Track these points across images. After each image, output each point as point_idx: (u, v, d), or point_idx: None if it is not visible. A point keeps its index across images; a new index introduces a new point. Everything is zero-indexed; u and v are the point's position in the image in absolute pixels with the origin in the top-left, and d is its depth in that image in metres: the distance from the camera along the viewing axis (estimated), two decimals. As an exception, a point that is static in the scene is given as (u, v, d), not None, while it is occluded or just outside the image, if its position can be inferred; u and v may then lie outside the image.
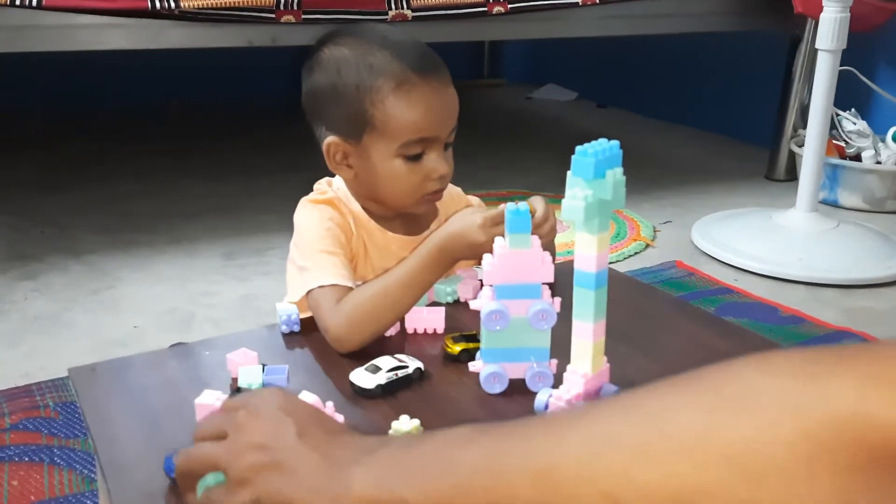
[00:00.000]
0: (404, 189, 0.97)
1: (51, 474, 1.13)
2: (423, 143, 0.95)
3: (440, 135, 0.95)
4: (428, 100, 0.93)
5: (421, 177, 0.96)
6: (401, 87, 0.93)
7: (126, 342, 1.54)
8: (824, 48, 1.92)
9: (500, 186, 2.51)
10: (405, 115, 0.93)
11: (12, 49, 1.80)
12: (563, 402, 0.74)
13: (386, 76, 0.93)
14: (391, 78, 0.93)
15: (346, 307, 0.88)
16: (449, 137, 0.98)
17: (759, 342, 0.96)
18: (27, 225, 2.17)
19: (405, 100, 0.93)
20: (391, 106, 0.93)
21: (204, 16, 1.85)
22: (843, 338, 1.56)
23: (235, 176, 2.65)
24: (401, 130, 0.94)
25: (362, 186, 1.00)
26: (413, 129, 0.94)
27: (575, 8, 2.18)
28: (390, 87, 0.93)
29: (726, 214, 2.24)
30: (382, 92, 0.93)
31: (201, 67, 3.39)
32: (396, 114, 0.94)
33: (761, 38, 2.86)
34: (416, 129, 0.94)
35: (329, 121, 0.98)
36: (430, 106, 0.94)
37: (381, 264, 1.01)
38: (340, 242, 0.96)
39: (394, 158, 0.95)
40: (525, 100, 3.97)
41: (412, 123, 0.94)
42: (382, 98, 0.93)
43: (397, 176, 0.96)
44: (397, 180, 0.96)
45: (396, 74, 0.93)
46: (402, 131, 0.94)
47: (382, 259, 1.01)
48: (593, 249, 0.70)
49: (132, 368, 0.89)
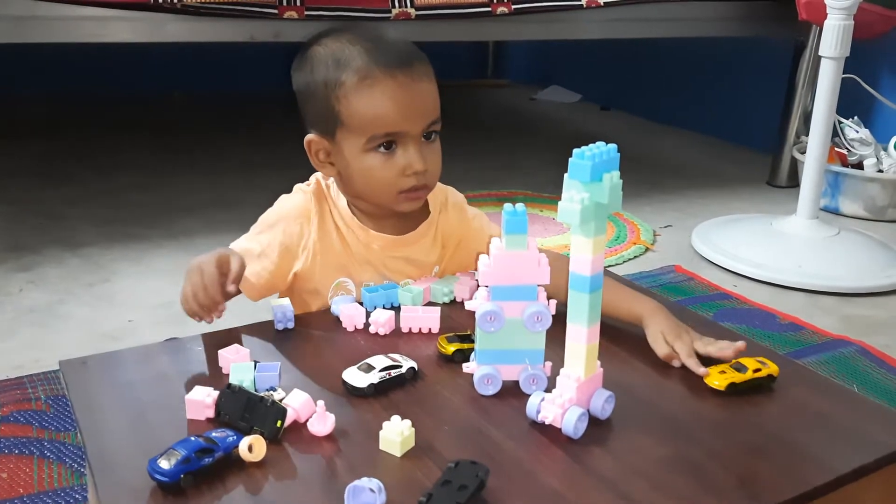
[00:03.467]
0: (379, 185, 0.97)
1: (40, 467, 1.13)
2: (391, 138, 0.94)
3: (409, 130, 0.94)
4: (391, 94, 0.93)
5: (395, 172, 0.95)
6: (363, 81, 0.93)
7: (120, 336, 1.53)
8: (828, 55, 1.91)
9: (501, 187, 2.50)
10: (368, 109, 0.93)
11: (14, 40, 1.79)
12: (556, 405, 0.73)
13: (349, 71, 0.93)
14: (354, 73, 0.93)
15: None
16: (431, 130, 0.96)
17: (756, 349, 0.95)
18: (24, 215, 2.17)
19: (367, 94, 0.93)
20: (354, 101, 0.94)
21: (206, 10, 1.84)
22: (841, 346, 1.55)
23: (235, 170, 2.64)
24: (365, 125, 0.94)
25: (344, 184, 1.01)
26: (377, 124, 0.94)
27: (579, 10, 2.17)
28: (353, 83, 0.93)
29: (727, 220, 2.23)
30: (346, 87, 0.94)
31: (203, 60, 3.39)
32: (360, 109, 0.94)
33: (765, 44, 2.85)
34: (380, 124, 0.94)
35: (308, 119, 0.99)
36: (393, 100, 0.93)
37: (365, 259, 1.02)
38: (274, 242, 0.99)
39: (364, 154, 0.96)
40: (528, 101, 3.96)
41: (375, 118, 0.93)
42: (346, 93, 0.94)
43: (370, 171, 0.96)
44: (371, 176, 0.97)
45: (360, 69, 0.93)
46: (367, 126, 0.94)
47: (367, 254, 1.01)
48: (588, 252, 0.69)
49: (124, 362, 0.89)
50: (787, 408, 0.81)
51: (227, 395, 0.74)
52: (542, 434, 0.74)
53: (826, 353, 1.53)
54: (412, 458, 0.70)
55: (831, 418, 0.80)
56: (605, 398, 0.76)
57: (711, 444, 0.74)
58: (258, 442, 0.69)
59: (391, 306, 0.98)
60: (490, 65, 4.30)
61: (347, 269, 1.01)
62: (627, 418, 0.77)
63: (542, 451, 0.72)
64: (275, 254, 0.99)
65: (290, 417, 0.73)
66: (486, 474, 0.65)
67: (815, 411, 0.81)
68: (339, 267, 1.01)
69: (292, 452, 0.71)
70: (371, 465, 0.69)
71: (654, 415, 0.79)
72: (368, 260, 1.02)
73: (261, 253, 0.98)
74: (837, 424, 0.79)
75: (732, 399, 0.81)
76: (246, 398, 0.73)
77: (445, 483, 0.63)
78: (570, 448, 0.72)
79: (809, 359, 1.49)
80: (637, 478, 0.69)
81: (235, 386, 0.75)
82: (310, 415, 0.74)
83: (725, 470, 0.70)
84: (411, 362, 0.83)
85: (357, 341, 0.92)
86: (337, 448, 0.72)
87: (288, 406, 0.73)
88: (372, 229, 1.01)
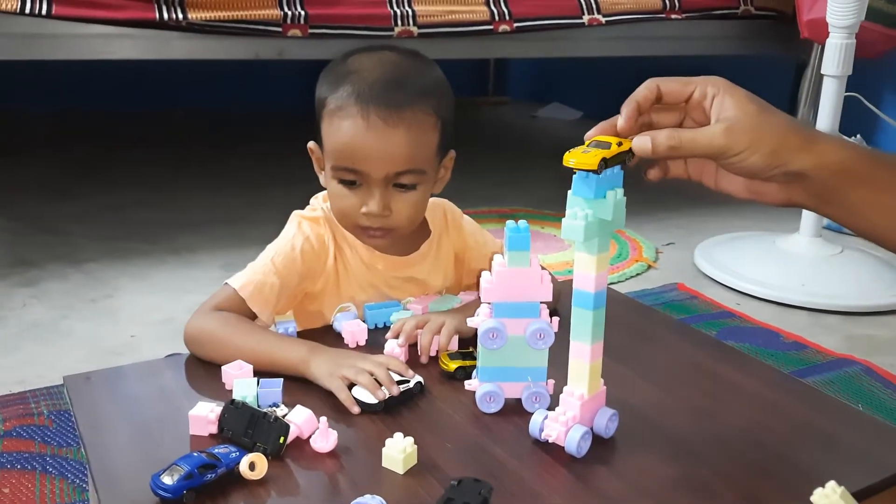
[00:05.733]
0: (340, 211, 0.97)
1: (42, 483, 1.12)
2: (352, 174, 0.94)
3: (368, 172, 0.92)
4: (356, 133, 0.91)
5: (357, 205, 0.95)
6: (339, 111, 0.92)
7: (122, 351, 1.53)
8: (830, 74, 1.92)
9: (503, 204, 2.50)
10: (332, 138, 0.94)
11: (21, 57, 1.81)
12: (559, 423, 0.73)
13: (334, 96, 0.93)
14: (336, 98, 0.93)
15: (209, 319, 0.91)
16: (395, 178, 0.93)
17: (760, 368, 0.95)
18: (28, 231, 2.17)
19: (336, 124, 0.93)
20: (326, 125, 0.94)
21: (211, 28, 1.85)
22: (845, 366, 1.55)
23: (237, 187, 2.65)
24: (330, 153, 0.95)
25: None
26: (338, 156, 0.94)
27: (581, 28, 2.19)
28: (331, 108, 0.93)
29: (730, 237, 2.23)
30: (326, 109, 0.94)
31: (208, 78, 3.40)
32: (329, 135, 0.94)
33: (767, 63, 2.86)
34: (340, 157, 0.93)
35: (316, 129, 1.00)
36: (357, 140, 0.91)
37: (367, 281, 1.01)
38: (293, 270, 0.97)
39: (332, 179, 0.96)
40: (530, 118, 3.97)
41: (337, 150, 0.93)
42: (325, 115, 0.94)
43: (335, 196, 0.97)
44: (335, 200, 0.97)
45: (341, 97, 0.92)
46: (331, 154, 0.95)
47: (369, 276, 1.01)
48: (592, 269, 0.69)
49: (127, 378, 0.89)
50: (793, 427, 0.81)
51: (231, 410, 0.74)
52: (546, 452, 0.74)
53: (831, 372, 1.52)
54: (415, 475, 0.70)
55: (836, 438, 0.79)
56: (609, 416, 0.75)
57: (717, 464, 0.74)
58: (259, 460, 0.68)
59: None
60: (491, 82, 4.32)
61: (352, 291, 1.01)
62: (631, 437, 0.77)
63: (545, 470, 0.72)
64: (294, 283, 0.98)
65: (292, 434, 0.73)
66: (490, 492, 0.64)
67: (820, 431, 0.81)
68: (343, 289, 1.01)
69: (295, 469, 0.71)
70: (374, 482, 0.69)
71: (658, 433, 0.78)
72: (372, 283, 1.02)
73: (266, 284, 0.96)
74: (843, 444, 0.78)
75: (737, 418, 0.81)
76: (249, 414, 0.73)
77: (448, 501, 0.63)
78: (573, 467, 0.72)
79: (814, 378, 1.49)
80: (642, 497, 0.68)
81: (238, 402, 0.75)
82: (312, 431, 0.74)
83: (731, 490, 0.70)
84: (417, 377, 0.83)
85: (360, 358, 0.92)
86: (339, 465, 0.72)
87: (291, 422, 0.73)
88: (376, 250, 1.01)
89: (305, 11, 1.90)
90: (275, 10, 1.88)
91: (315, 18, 1.91)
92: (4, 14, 1.69)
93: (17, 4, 1.69)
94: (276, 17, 1.88)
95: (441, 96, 0.96)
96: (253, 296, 0.94)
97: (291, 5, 1.89)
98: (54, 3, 1.72)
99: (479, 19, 2.07)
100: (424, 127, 0.93)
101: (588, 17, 2.17)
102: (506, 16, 2.09)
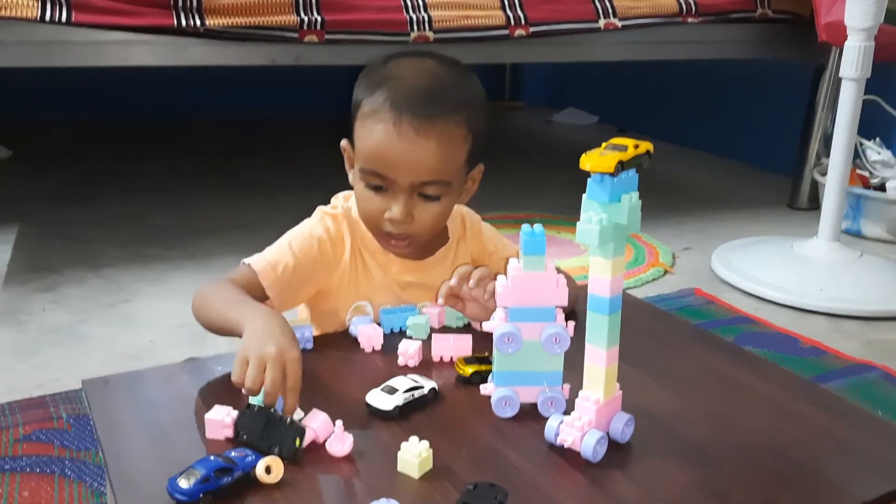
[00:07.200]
0: (366, 214, 0.98)
1: (61, 486, 1.13)
2: (379, 178, 0.94)
3: (395, 178, 0.93)
4: (387, 139, 0.91)
5: (381, 210, 0.96)
6: (372, 114, 0.93)
7: (140, 356, 1.54)
8: (848, 77, 1.91)
9: (519, 209, 2.50)
10: (364, 141, 0.94)
11: (42, 64, 1.83)
12: (575, 428, 0.73)
13: (370, 99, 0.94)
14: (371, 102, 0.93)
15: (205, 287, 0.96)
16: (420, 187, 0.94)
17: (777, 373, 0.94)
18: (48, 237, 2.19)
19: (369, 128, 0.93)
20: (359, 128, 0.95)
21: (229, 34, 1.87)
22: (864, 371, 1.53)
23: (254, 193, 2.66)
24: (360, 154, 0.96)
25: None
26: (367, 159, 0.94)
27: (597, 32, 2.18)
28: (365, 111, 0.94)
29: (747, 242, 2.22)
30: (361, 111, 0.95)
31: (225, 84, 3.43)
32: (360, 138, 0.95)
33: (785, 66, 2.84)
34: (369, 161, 0.94)
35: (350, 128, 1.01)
36: (387, 146, 0.92)
37: (383, 283, 1.02)
38: (309, 255, 0.98)
39: (360, 180, 0.97)
40: (545, 123, 3.97)
41: (367, 153, 0.94)
42: (359, 117, 0.95)
43: (361, 198, 0.98)
44: (361, 202, 0.98)
45: (376, 101, 0.93)
46: (361, 157, 0.96)
47: (385, 278, 1.02)
48: (607, 274, 0.69)
49: (145, 382, 0.90)
50: (811, 434, 0.80)
51: (247, 414, 0.74)
52: (561, 457, 0.74)
53: (849, 378, 1.51)
54: (430, 479, 0.70)
55: (855, 444, 0.78)
56: (625, 421, 0.75)
57: (734, 470, 0.73)
58: (276, 463, 0.69)
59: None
60: (507, 87, 4.32)
61: (367, 291, 1.02)
62: (648, 442, 0.76)
63: (560, 475, 0.72)
64: (309, 268, 0.99)
65: (308, 437, 0.73)
66: (505, 497, 0.64)
67: (838, 437, 0.80)
68: (358, 289, 1.02)
69: (310, 473, 0.71)
70: (389, 486, 0.69)
71: (674, 439, 0.78)
72: (387, 285, 1.02)
73: (281, 264, 0.98)
74: (861, 451, 0.77)
75: (755, 424, 0.80)
76: (265, 418, 0.73)
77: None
78: (589, 472, 0.72)
79: (832, 384, 1.47)
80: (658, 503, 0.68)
81: (255, 406, 0.75)
82: (328, 435, 0.74)
83: (749, 497, 0.69)
84: (432, 382, 0.84)
85: (375, 362, 0.92)
86: (355, 469, 0.72)
87: (306, 426, 0.73)
88: (390, 252, 1.02)
89: (322, 17, 1.91)
90: (291, 15, 1.89)
91: (331, 24, 1.92)
92: (25, 22, 1.71)
93: (37, 12, 1.71)
94: (293, 22, 1.89)
95: (475, 109, 0.96)
96: (265, 271, 0.95)
97: (308, 11, 1.90)
98: (74, 11, 1.74)
99: (495, 24, 2.07)
100: (455, 139, 0.94)
101: (604, 21, 2.17)
102: (521, 20, 2.10)
